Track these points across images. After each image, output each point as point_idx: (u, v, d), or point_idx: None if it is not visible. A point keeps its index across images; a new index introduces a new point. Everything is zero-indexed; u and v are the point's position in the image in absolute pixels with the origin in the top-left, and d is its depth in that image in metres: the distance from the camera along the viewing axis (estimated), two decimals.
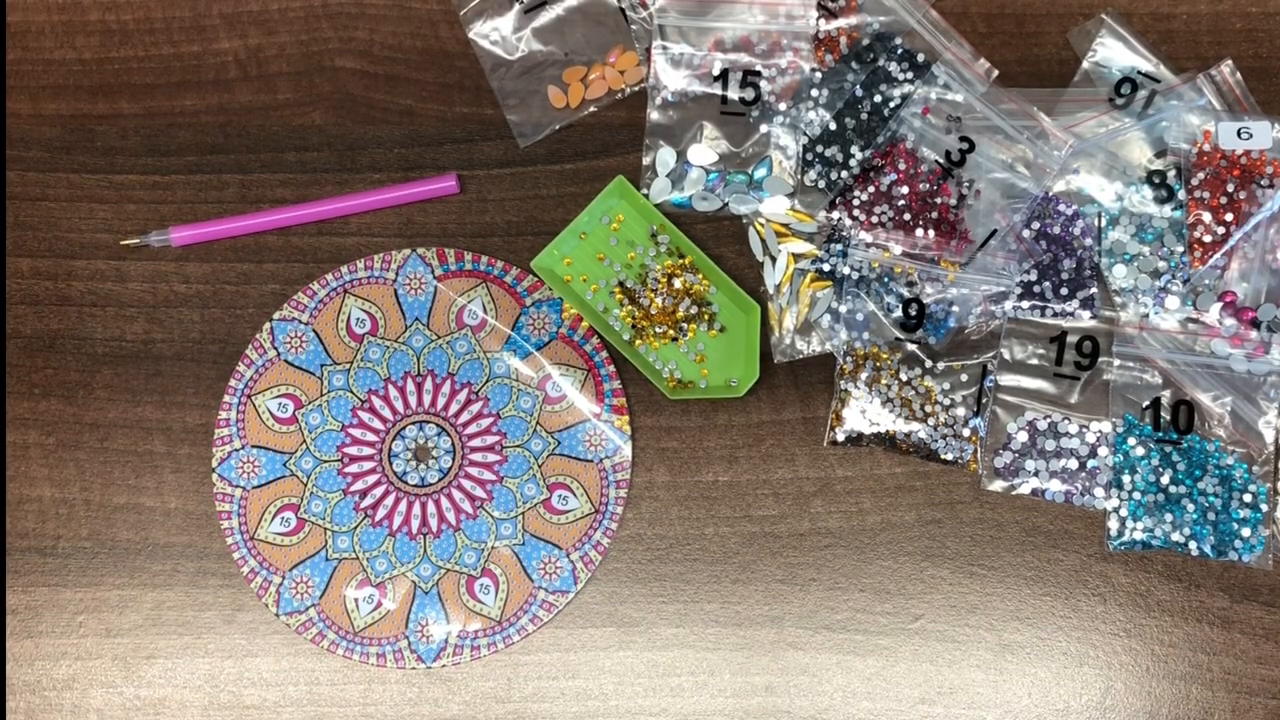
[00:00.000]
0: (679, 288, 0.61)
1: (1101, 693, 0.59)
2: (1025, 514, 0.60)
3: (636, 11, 0.63)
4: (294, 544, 0.60)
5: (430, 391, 0.61)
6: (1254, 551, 0.58)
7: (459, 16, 0.63)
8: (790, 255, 0.61)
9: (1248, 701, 0.59)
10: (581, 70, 0.63)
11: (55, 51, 0.64)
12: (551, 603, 0.60)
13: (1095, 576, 0.60)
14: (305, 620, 0.59)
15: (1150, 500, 0.59)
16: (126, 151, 0.63)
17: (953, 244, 0.60)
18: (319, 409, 0.61)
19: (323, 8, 0.64)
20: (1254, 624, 0.59)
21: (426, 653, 0.59)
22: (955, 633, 0.60)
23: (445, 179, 0.62)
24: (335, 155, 0.63)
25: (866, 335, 0.60)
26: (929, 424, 0.60)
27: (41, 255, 0.63)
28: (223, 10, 0.64)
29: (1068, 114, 0.61)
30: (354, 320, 0.61)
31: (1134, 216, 0.61)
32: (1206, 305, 0.60)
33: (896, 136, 0.61)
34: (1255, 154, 0.60)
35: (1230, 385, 0.59)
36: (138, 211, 0.63)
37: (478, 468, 0.61)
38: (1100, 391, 0.60)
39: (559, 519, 0.60)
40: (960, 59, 0.61)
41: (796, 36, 0.62)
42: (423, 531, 0.60)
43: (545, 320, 0.61)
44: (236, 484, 0.60)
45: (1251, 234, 0.60)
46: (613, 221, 0.62)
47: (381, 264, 0.62)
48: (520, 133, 0.62)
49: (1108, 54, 0.62)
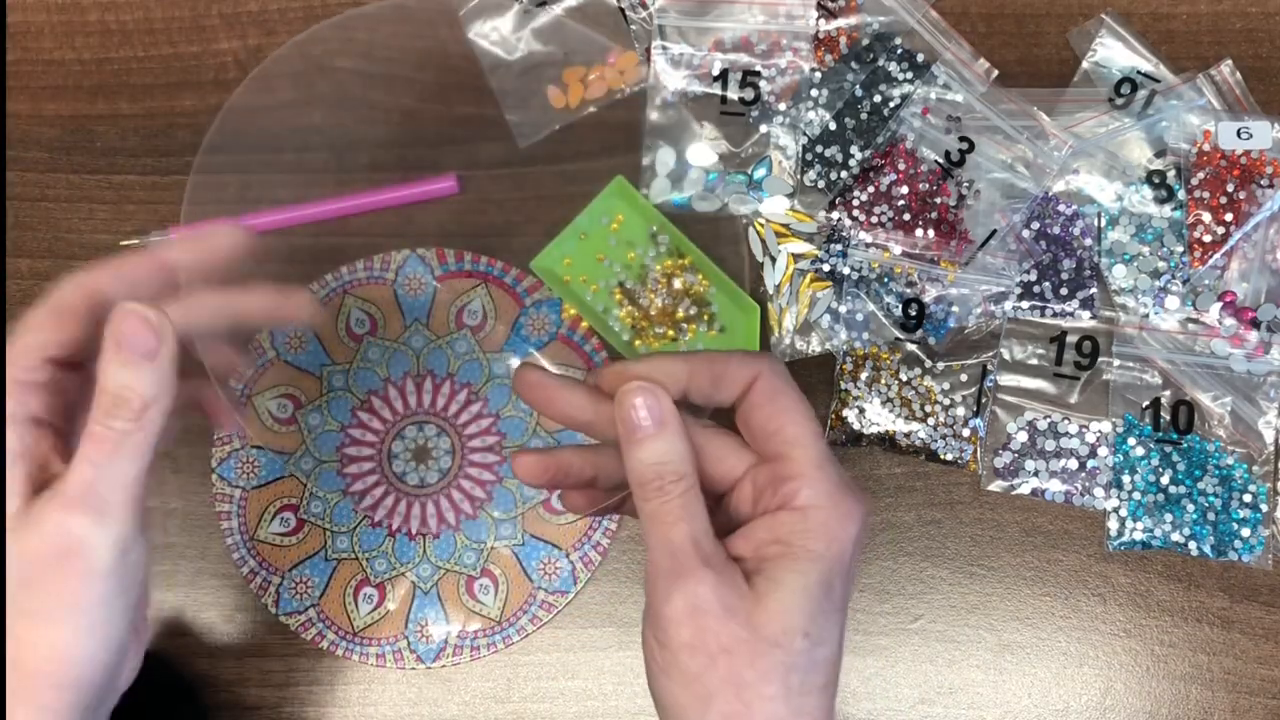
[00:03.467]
0: (679, 288, 0.61)
1: (1101, 693, 0.59)
2: (1025, 514, 0.60)
3: (636, 11, 0.63)
4: (294, 544, 0.60)
5: (430, 392, 0.61)
6: (1254, 552, 0.58)
7: (459, 16, 0.63)
8: (790, 255, 0.61)
9: (1248, 701, 0.59)
10: (581, 70, 0.63)
11: (55, 52, 0.64)
12: (551, 603, 0.60)
13: (1095, 576, 0.60)
14: (305, 620, 0.59)
15: (1150, 500, 0.59)
16: (126, 152, 0.63)
17: (953, 244, 0.60)
18: (319, 409, 0.61)
19: (323, 8, 0.64)
20: (1254, 624, 0.59)
21: (426, 653, 0.59)
22: (955, 633, 0.60)
23: (445, 179, 0.62)
24: (335, 155, 0.63)
25: (866, 335, 0.60)
26: (929, 424, 0.60)
27: (41, 255, 0.63)
28: (222, 10, 0.64)
29: (1067, 114, 0.61)
30: (353, 320, 0.61)
31: (1134, 216, 0.61)
32: (1206, 305, 0.60)
33: (896, 136, 0.61)
34: (1255, 154, 0.60)
35: (1230, 385, 0.59)
36: (137, 212, 0.63)
37: (477, 468, 0.61)
38: (1100, 391, 0.60)
39: (559, 519, 0.60)
40: (960, 59, 0.61)
41: (796, 36, 0.62)
42: (422, 532, 0.60)
43: (545, 320, 0.61)
44: (236, 484, 0.60)
45: (1251, 234, 0.60)
46: (612, 222, 0.62)
47: (381, 264, 0.62)
48: (520, 133, 0.62)
49: (1108, 54, 0.62)
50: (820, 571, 0.41)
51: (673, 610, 0.40)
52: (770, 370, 0.43)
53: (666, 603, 0.40)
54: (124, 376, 0.41)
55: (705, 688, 0.40)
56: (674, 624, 0.40)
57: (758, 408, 0.43)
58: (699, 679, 0.40)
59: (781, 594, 0.40)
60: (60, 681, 0.41)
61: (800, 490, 0.41)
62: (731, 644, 0.40)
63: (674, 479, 0.41)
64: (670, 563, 0.41)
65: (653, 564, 0.41)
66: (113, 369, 0.41)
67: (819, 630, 0.41)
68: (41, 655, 0.40)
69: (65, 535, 0.40)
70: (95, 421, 0.41)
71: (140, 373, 0.41)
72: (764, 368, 0.43)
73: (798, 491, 0.41)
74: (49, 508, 0.40)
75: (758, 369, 0.43)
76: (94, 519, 0.40)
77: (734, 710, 0.40)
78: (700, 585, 0.40)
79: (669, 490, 0.41)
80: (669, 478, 0.41)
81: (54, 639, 0.40)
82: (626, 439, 0.42)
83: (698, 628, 0.40)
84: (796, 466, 0.42)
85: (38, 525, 0.40)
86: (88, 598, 0.40)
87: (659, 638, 0.41)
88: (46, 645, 0.40)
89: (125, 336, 0.41)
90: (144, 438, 0.41)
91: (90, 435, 0.40)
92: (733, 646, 0.40)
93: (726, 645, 0.40)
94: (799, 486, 0.41)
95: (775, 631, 0.40)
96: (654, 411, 0.42)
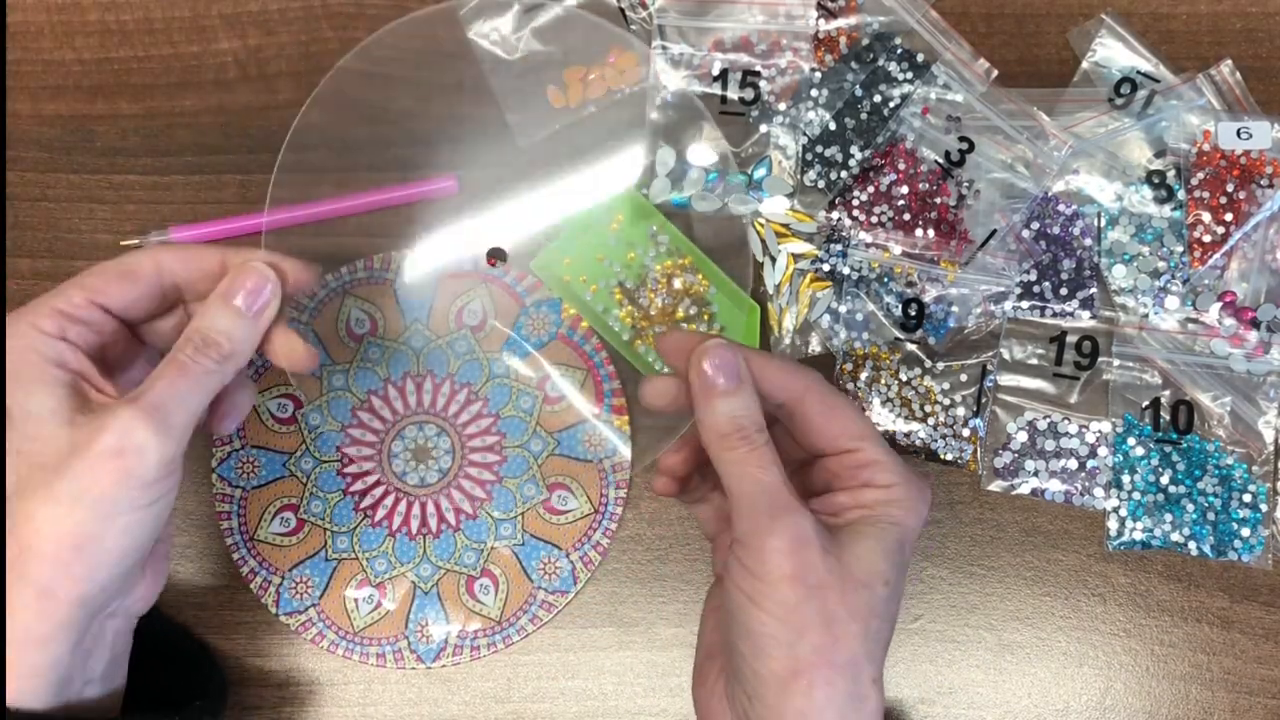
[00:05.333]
0: (679, 288, 0.61)
1: (1101, 693, 0.59)
2: (1025, 514, 0.60)
3: (636, 11, 0.63)
4: (294, 544, 0.60)
5: (430, 392, 0.61)
6: (1254, 551, 0.58)
7: (459, 16, 0.63)
8: (790, 255, 0.61)
9: (1248, 701, 0.59)
10: (581, 70, 0.63)
11: (55, 52, 0.64)
12: (551, 603, 0.60)
13: (1095, 576, 0.60)
14: (305, 620, 0.59)
15: (1150, 500, 0.59)
16: (126, 151, 0.63)
17: (953, 244, 0.60)
18: (319, 409, 0.61)
19: (322, 8, 0.64)
20: (1254, 624, 0.59)
21: (426, 653, 0.59)
22: (955, 633, 0.60)
23: (445, 179, 0.62)
24: (335, 155, 0.63)
25: (866, 335, 0.60)
26: (929, 424, 0.60)
27: (41, 255, 0.63)
28: (222, 10, 0.64)
29: (1067, 114, 0.61)
30: (353, 320, 0.61)
31: (1134, 216, 0.61)
32: (1206, 305, 0.60)
33: (896, 136, 0.61)
34: (1255, 154, 0.60)
35: (1230, 385, 0.59)
36: (137, 212, 0.63)
37: (477, 468, 0.61)
38: (1100, 391, 0.60)
39: (559, 519, 0.60)
40: (960, 59, 0.61)
41: (796, 36, 0.62)
42: (422, 532, 0.60)
43: (545, 320, 0.61)
44: (236, 484, 0.60)
45: (1251, 234, 0.60)
46: (612, 222, 0.62)
47: (381, 264, 0.62)
48: (520, 133, 0.62)
49: (1107, 54, 0.62)
50: (898, 535, 0.45)
51: (777, 542, 0.43)
52: (819, 380, 0.47)
53: (770, 535, 0.43)
54: (224, 323, 0.46)
55: (801, 618, 0.42)
56: (778, 554, 0.42)
57: (817, 415, 0.47)
58: (796, 609, 0.42)
59: (868, 543, 0.45)
60: (70, 569, 0.42)
61: (879, 474, 0.46)
62: (828, 579, 0.43)
63: (756, 429, 0.45)
64: (769, 500, 0.44)
65: (747, 504, 0.44)
66: (215, 312, 0.46)
67: (895, 583, 0.45)
68: (56, 539, 0.42)
69: (127, 435, 0.42)
70: (180, 352, 0.45)
71: (239, 323, 0.46)
72: (813, 379, 0.47)
73: (876, 475, 0.46)
74: (120, 408, 0.43)
75: (808, 381, 0.47)
76: (157, 430, 0.43)
77: (824, 642, 0.42)
78: (804, 520, 0.43)
79: (754, 439, 0.45)
80: (751, 428, 0.45)
81: (73, 523, 0.42)
82: (705, 393, 0.45)
83: (801, 560, 0.42)
84: (869, 455, 0.46)
85: (99, 421, 0.43)
86: (122, 495, 0.43)
87: (756, 570, 0.43)
88: (66, 529, 0.42)
89: (242, 289, 0.47)
90: (217, 380, 0.46)
91: (174, 362, 0.45)
92: (828, 581, 0.43)
93: (823, 580, 0.43)
94: (876, 471, 0.46)
95: (863, 573, 0.44)
96: (731, 368, 0.45)
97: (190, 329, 0.46)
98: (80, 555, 0.42)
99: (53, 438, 0.43)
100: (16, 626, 0.42)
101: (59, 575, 0.42)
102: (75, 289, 0.46)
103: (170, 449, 0.43)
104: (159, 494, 0.44)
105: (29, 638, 0.42)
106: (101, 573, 0.43)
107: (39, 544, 0.42)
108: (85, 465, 0.42)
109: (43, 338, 0.45)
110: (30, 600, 0.42)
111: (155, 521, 0.44)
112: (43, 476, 0.42)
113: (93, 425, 0.43)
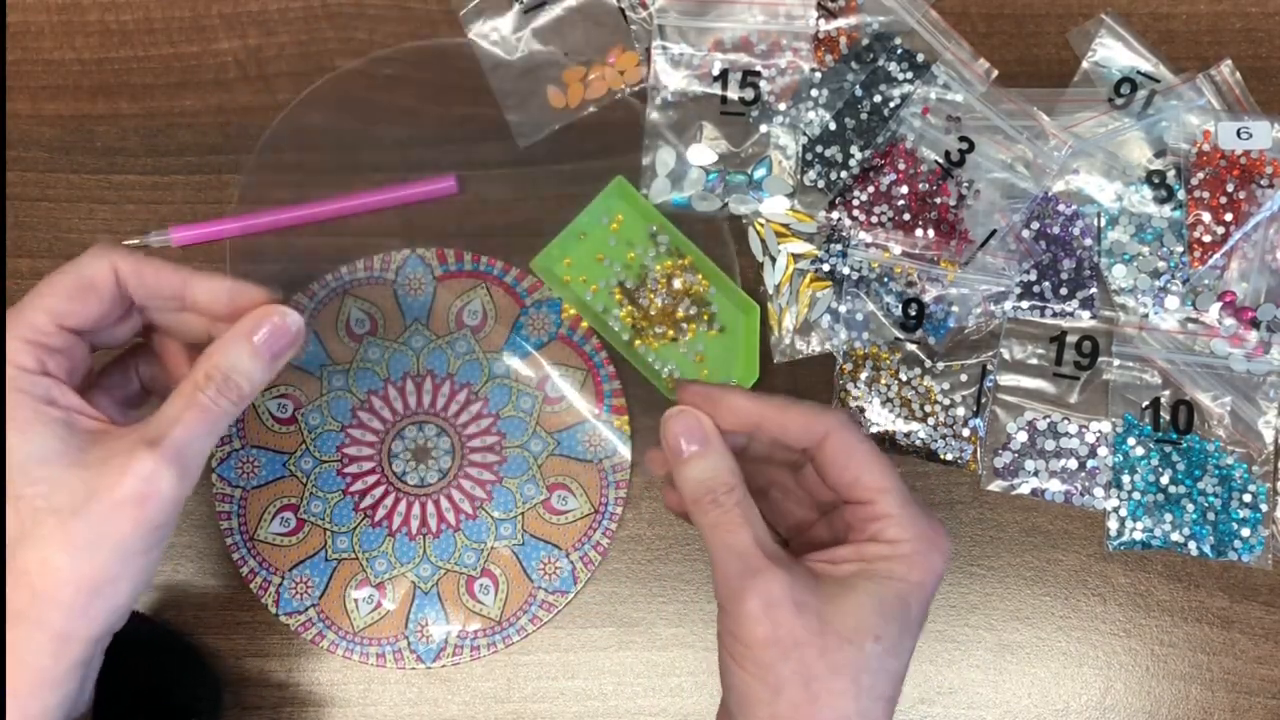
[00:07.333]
0: (679, 288, 0.61)
1: (1101, 693, 0.59)
2: (1025, 514, 0.60)
3: (636, 11, 0.63)
4: (294, 544, 0.60)
5: (430, 392, 0.61)
6: (1254, 551, 0.58)
7: (459, 16, 0.63)
8: (790, 255, 0.61)
9: (1247, 701, 0.59)
10: (581, 70, 0.63)
11: (55, 52, 0.64)
12: (551, 603, 0.60)
13: (1095, 576, 0.60)
14: (305, 620, 0.59)
15: (1150, 500, 0.59)
16: (126, 152, 0.63)
17: (953, 244, 0.60)
18: (319, 409, 0.61)
19: (322, 8, 0.64)
20: (1254, 624, 0.59)
21: (426, 653, 0.59)
22: (955, 633, 0.60)
23: (445, 179, 0.62)
24: (335, 155, 0.63)
25: (866, 335, 0.60)
26: (929, 424, 0.60)
27: (41, 255, 0.63)
28: (222, 10, 0.64)
29: (1067, 114, 0.61)
30: (353, 320, 0.61)
31: (1134, 216, 0.61)
32: (1206, 305, 0.60)
33: (896, 136, 0.61)
34: (1255, 154, 0.60)
35: (1230, 385, 0.59)
36: (137, 212, 0.63)
37: (477, 468, 0.61)
38: (1100, 391, 0.60)
39: (558, 519, 0.60)
40: (960, 59, 0.61)
41: (796, 36, 0.62)
42: (422, 532, 0.60)
43: (545, 320, 0.61)
44: (236, 484, 0.60)
45: (1251, 234, 0.60)
46: (612, 222, 0.62)
47: (381, 264, 0.62)
48: (520, 133, 0.62)
49: (1107, 54, 0.62)
50: (898, 590, 0.44)
51: (749, 607, 0.42)
52: (841, 425, 0.46)
53: (742, 601, 0.42)
54: (246, 364, 0.45)
55: (777, 678, 0.42)
56: (750, 620, 0.42)
57: (834, 463, 0.46)
58: (771, 669, 0.42)
59: (856, 596, 0.43)
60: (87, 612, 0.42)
61: (888, 529, 0.44)
62: (804, 637, 0.42)
63: (725, 490, 0.44)
64: (740, 564, 0.43)
65: (721, 570, 0.43)
66: (237, 352, 0.45)
67: (891, 639, 0.43)
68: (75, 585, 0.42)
69: (151, 482, 0.42)
70: (201, 391, 0.44)
71: (260, 366, 0.45)
72: (835, 424, 0.46)
73: (885, 529, 0.45)
74: (140, 451, 0.42)
75: (829, 426, 0.46)
76: (178, 475, 0.43)
77: (801, 701, 0.42)
78: (772, 582, 0.42)
79: (723, 501, 0.44)
80: (720, 490, 0.44)
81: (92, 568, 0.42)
82: (674, 459, 0.45)
83: (773, 622, 0.42)
84: (882, 509, 0.45)
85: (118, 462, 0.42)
86: (139, 538, 0.42)
87: (735, 633, 0.43)
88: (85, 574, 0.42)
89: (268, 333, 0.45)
90: (229, 420, 0.45)
91: (197, 404, 0.44)
92: (805, 639, 0.42)
93: (800, 639, 0.42)
94: (886, 526, 0.45)
95: (847, 628, 0.42)
96: (695, 433, 0.45)
97: (210, 365, 0.44)
98: (97, 598, 0.42)
99: (61, 481, 0.42)
100: (32, 671, 0.41)
101: (76, 619, 0.42)
102: (39, 313, 0.44)
103: (188, 490, 0.43)
104: (170, 530, 0.44)
105: (44, 680, 0.42)
106: (116, 613, 0.43)
107: (55, 590, 0.41)
108: (105, 510, 0.41)
109: (28, 377, 0.43)
110: (45, 644, 0.41)
111: (161, 554, 0.44)
112: (55, 521, 0.41)
113: (109, 467, 0.42)
